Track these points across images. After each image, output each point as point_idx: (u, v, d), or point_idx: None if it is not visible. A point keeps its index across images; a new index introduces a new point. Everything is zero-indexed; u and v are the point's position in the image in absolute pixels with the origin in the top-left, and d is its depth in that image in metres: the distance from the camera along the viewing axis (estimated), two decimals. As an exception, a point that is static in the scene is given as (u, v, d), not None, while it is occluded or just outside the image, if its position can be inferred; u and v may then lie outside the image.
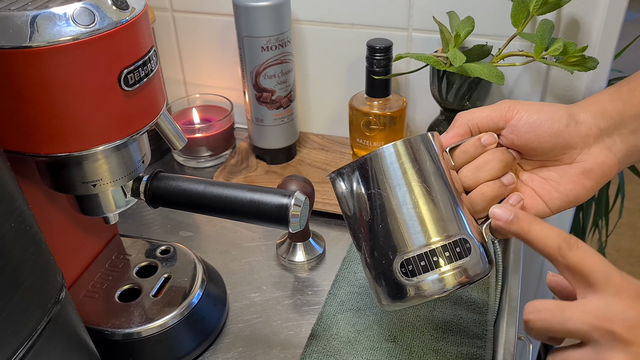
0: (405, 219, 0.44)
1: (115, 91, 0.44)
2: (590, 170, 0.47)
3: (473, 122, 0.49)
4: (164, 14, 0.90)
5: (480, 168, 0.47)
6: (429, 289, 0.44)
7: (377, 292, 0.47)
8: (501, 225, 0.44)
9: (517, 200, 0.48)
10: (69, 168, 0.48)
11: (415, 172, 0.45)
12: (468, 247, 0.45)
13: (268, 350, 0.59)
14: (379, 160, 0.45)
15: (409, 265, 0.44)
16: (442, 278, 0.44)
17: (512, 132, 0.48)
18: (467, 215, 0.46)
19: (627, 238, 2.03)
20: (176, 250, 0.64)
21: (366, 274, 0.48)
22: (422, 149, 0.46)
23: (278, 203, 0.48)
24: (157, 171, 0.53)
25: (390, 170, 0.45)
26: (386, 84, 0.76)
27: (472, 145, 0.48)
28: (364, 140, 0.79)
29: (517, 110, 0.47)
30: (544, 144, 0.47)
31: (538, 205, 0.49)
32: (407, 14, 0.78)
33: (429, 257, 0.44)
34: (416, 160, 0.45)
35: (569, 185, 0.48)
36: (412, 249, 0.44)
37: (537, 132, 0.47)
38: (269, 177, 0.83)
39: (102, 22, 0.42)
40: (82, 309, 0.57)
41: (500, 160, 0.47)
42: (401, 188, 0.45)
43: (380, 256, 0.46)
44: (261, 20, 0.73)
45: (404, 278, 0.45)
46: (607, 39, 0.71)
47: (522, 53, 0.68)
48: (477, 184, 0.48)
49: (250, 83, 0.79)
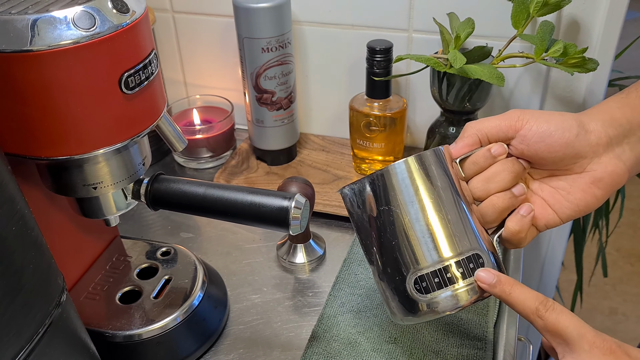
0: (418, 235, 0.45)
1: (116, 94, 0.44)
2: (600, 180, 0.47)
3: (482, 132, 0.48)
4: (165, 15, 0.90)
5: (491, 179, 0.47)
6: (443, 305, 0.44)
7: (390, 306, 0.47)
8: (485, 287, 0.45)
9: (528, 211, 0.48)
10: (69, 171, 0.48)
11: (427, 188, 0.45)
12: (481, 262, 0.45)
13: (269, 351, 0.59)
14: (390, 177, 0.45)
15: (422, 282, 0.44)
16: (456, 294, 0.44)
17: (522, 142, 0.47)
18: (478, 227, 0.46)
19: (627, 238, 2.03)
20: (177, 252, 0.64)
21: (379, 287, 0.48)
22: (433, 164, 0.46)
23: (278, 206, 0.48)
24: (158, 173, 0.53)
25: (402, 187, 0.45)
26: (386, 85, 0.76)
27: (482, 156, 0.48)
28: (364, 141, 0.79)
29: (526, 120, 0.47)
30: (554, 154, 0.47)
31: (548, 214, 0.49)
32: (408, 15, 0.78)
33: (442, 273, 0.44)
34: (428, 176, 0.45)
35: (579, 194, 0.48)
36: (426, 266, 0.44)
37: (547, 142, 0.46)
38: (270, 178, 0.83)
39: (102, 26, 0.42)
40: (83, 311, 0.57)
41: (511, 171, 0.47)
42: (414, 205, 0.45)
43: (393, 272, 0.46)
44: (261, 22, 0.73)
45: (417, 294, 0.45)
46: (607, 40, 0.71)
47: (522, 54, 0.68)
48: (487, 195, 0.47)
49: (250, 84, 0.79)
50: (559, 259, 0.96)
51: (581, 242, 1.19)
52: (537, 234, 0.50)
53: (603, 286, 1.86)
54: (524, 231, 0.48)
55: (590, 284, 1.83)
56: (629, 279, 1.89)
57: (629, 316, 1.76)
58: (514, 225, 0.47)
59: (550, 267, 0.98)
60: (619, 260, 1.95)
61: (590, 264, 1.51)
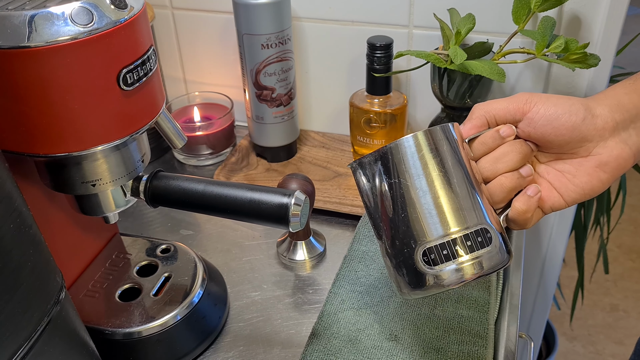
0: (426, 208, 0.45)
1: (114, 91, 0.44)
2: (605, 164, 0.47)
3: (490, 113, 0.49)
4: (164, 11, 0.89)
5: (499, 159, 0.48)
6: (450, 278, 0.45)
7: (397, 281, 0.48)
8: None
9: (535, 191, 0.48)
10: (68, 168, 0.48)
11: (436, 162, 0.45)
12: (489, 237, 0.45)
13: (269, 349, 0.59)
14: (400, 150, 0.45)
15: (431, 254, 0.45)
16: (463, 267, 0.44)
17: (529, 125, 0.48)
18: (486, 205, 0.47)
19: (628, 234, 2.03)
20: (177, 249, 0.63)
21: (386, 263, 0.48)
22: (443, 139, 0.46)
23: (278, 202, 0.48)
24: (157, 170, 0.53)
25: (412, 161, 0.45)
26: (387, 82, 0.75)
27: (490, 137, 0.48)
28: (364, 137, 0.79)
29: (534, 103, 0.47)
30: (561, 137, 0.47)
31: (554, 197, 0.49)
32: (408, 11, 0.77)
33: (450, 246, 0.44)
34: (437, 150, 0.46)
35: (584, 177, 0.48)
36: (434, 238, 0.45)
37: (554, 125, 0.47)
38: (270, 175, 0.83)
39: (100, 22, 0.42)
40: (83, 309, 0.57)
41: (519, 152, 0.48)
42: (422, 178, 0.45)
43: (401, 245, 0.46)
44: (261, 18, 0.73)
45: (426, 267, 0.45)
46: (609, 35, 0.71)
47: (523, 50, 0.68)
48: (495, 175, 0.48)
49: (250, 81, 0.79)
50: (560, 256, 0.96)
51: (582, 238, 1.19)
52: (543, 216, 0.50)
53: (604, 282, 1.86)
54: (530, 211, 0.48)
55: (591, 280, 1.83)
56: (630, 275, 1.88)
57: (630, 312, 1.76)
58: (521, 205, 0.48)
59: (551, 264, 0.97)
60: (620, 256, 1.95)
61: (592, 261, 1.51)
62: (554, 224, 0.91)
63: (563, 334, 1.69)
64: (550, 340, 1.43)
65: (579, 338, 1.69)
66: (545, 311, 1.08)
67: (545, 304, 1.06)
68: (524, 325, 1.11)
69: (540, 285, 1.02)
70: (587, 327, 1.72)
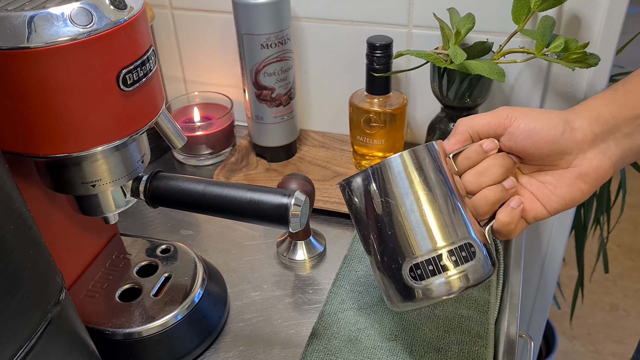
0: (413, 225, 0.46)
1: (114, 91, 0.44)
2: (585, 175, 0.49)
3: (473, 128, 0.50)
4: (163, 11, 0.89)
5: (483, 173, 0.49)
6: (437, 291, 0.46)
7: (387, 294, 0.49)
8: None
9: (518, 203, 0.49)
10: (68, 168, 0.48)
11: (421, 180, 0.47)
12: (473, 251, 0.46)
13: (269, 349, 0.59)
14: (387, 170, 0.47)
15: (417, 269, 0.46)
16: (449, 281, 0.46)
17: (510, 139, 0.49)
18: (470, 219, 0.48)
19: (628, 233, 2.03)
20: (177, 249, 0.63)
21: (376, 276, 0.50)
22: (427, 157, 0.48)
23: (278, 203, 0.48)
24: (157, 171, 0.53)
25: (398, 180, 0.47)
26: (386, 81, 0.75)
27: (474, 151, 0.49)
28: (364, 137, 0.79)
29: (514, 117, 0.49)
30: (541, 151, 0.48)
31: (537, 207, 0.50)
32: (408, 10, 0.77)
33: (436, 261, 0.46)
34: (422, 169, 0.47)
35: (565, 188, 0.49)
36: (420, 254, 0.46)
37: (533, 139, 0.48)
38: (269, 175, 0.82)
39: (100, 22, 0.42)
40: (83, 309, 0.57)
41: (501, 165, 0.49)
42: (409, 196, 0.46)
43: (390, 261, 0.47)
44: (261, 18, 0.73)
45: (412, 281, 0.46)
46: (608, 35, 0.71)
47: (523, 50, 0.68)
48: (479, 189, 0.49)
49: (250, 81, 0.79)
50: (560, 255, 0.96)
51: (582, 237, 1.19)
52: (527, 226, 0.51)
53: (604, 282, 1.86)
54: (513, 223, 0.49)
55: (591, 279, 1.83)
56: (630, 275, 1.88)
57: (629, 312, 1.76)
58: (505, 217, 0.49)
59: (551, 263, 0.97)
60: (620, 255, 1.95)
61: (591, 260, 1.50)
62: (554, 224, 0.91)
63: (563, 333, 1.69)
64: (550, 339, 1.43)
65: (579, 337, 1.69)
66: (545, 310, 1.08)
67: (545, 303, 1.06)
68: (523, 325, 1.11)
69: (540, 284, 1.02)
70: (587, 326, 1.72)
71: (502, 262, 0.65)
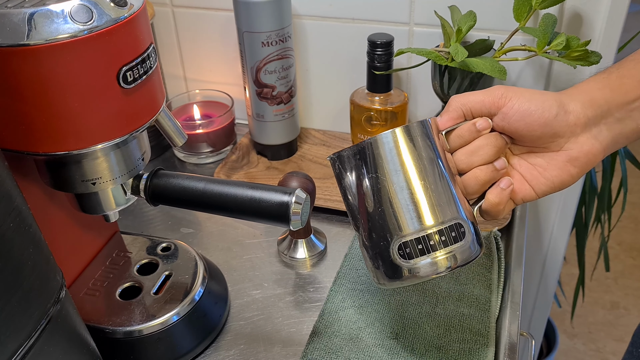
0: (403, 203, 0.46)
1: (114, 89, 0.44)
2: (576, 159, 0.49)
3: (466, 106, 0.50)
4: (164, 9, 0.89)
5: (474, 153, 0.49)
6: (425, 270, 0.46)
7: (374, 272, 0.49)
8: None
9: (507, 184, 0.49)
10: (68, 166, 0.48)
11: (413, 158, 0.46)
12: (462, 232, 0.46)
13: (270, 347, 0.59)
14: (378, 146, 0.46)
15: (406, 248, 0.46)
16: (437, 261, 0.46)
17: (503, 120, 0.49)
18: (461, 198, 0.48)
19: (629, 231, 2.03)
20: (177, 248, 0.63)
21: (363, 253, 0.50)
22: (420, 135, 0.47)
23: (279, 201, 0.47)
24: (157, 169, 0.53)
25: (390, 157, 0.46)
26: (387, 79, 0.75)
27: (467, 129, 0.49)
28: (365, 135, 0.79)
29: (509, 97, 0.48)
30: (533, 132, 0.48)
31: (525, 189, 0.50)
32: (409, 8, 0.77)
33: (425, 240, 0.46)
34: (414, 146, 0.47)
35: (555, 171, 0.49)
36: (409, 233, 0.46)
37: (526, 121, 0.48)
38: (270, 173, 0.82)
39: (100, 19, 0.42)
40: (83, 307, 0.56)
41: (494, 145, 0.49)
42: (400, 174, 0.46)
43: (378, 238, 0.47)
44: (261, 16, 0.73)
45: (401, 260, 0.46)
46: (610, 32, 0.70)
47: (524, 47, 0.68)
48: (470, 168, 0.49)
49: (250, 79, 0.78)
50: (560, 253, 0.96)
51: (583, 236, 1.19)
52: (514, 207, 0.52)
53: (605, 280, 1.86)
54: (503, 203, 0.49)
55: (592, 278, 1.82)
56: (631, 273, 1.88)
57: (630, 310, 1.76)
58: (494, 198, 0.49)
59: (552, 261, 0.97)
60: (621, 254, 1.95)
61: (592, 258, 1.50)
62: (555, 222, 0.91)
63: (564, 332, 1.69)
64: (551, 337, 1.43)
65: (580, 335, 1.69)
66: (546, 309, 1.08)
67: (546, 301, 1.06)
68: (525, 323, 1.11)
69: (541, 283, 1.02)
70: (587, 324, 1.72)
71: (503, 260, 0.65)
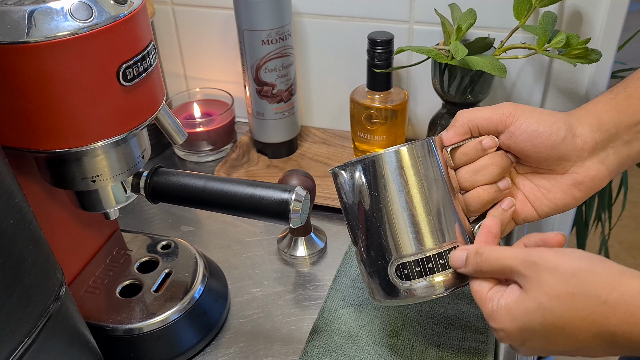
0: (403, 224, 0.46)
1: (114, 86, 0.44)
2: (581, 183, 0.48)
3: (473, 122, 0.49)
4: (164, 7, 0.89)
5: (479, 172, 0.48)
6: (422, 292, 0.46)
7: (370, 288, 0.49)
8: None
9: (510, 205, 0.49)
10: (68, 164, 0.48)
11: (416, 179, 0.46)
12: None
13: (270, 345, 0.59)
14: (381, 164, 0.46)
15: (404, 269, 0.46)
16: (435, 284, 0.46)
17: (510, 139, 0.48)
18: (462, 218, 0.47)
19: (630, 230, 2.03)
20: (177, 246, 0.63)
21: (360, 268, 0.49)
22: (425, 155, 0.47)
23: (279, 198, 0.48)
24: (157, 166, 0.53)
25: (392, 176, 0.46)
26: (387, 77, 0.75)
27: (472, 147, 0.49)
28: (365, 133, 0.79)
29: (517, 117, 0.48)
30: (539, 154, 0.48)
31: (528, 210, 0.50)
32: (409, 6, 0.77)
33: (424, 263, 0.45)
34: (418, 167, 0.46)
35: (559, 194, 0.49)
36: (408, 254, 0.46)
37: (533, 142, 0.47)
38: (270, 172, 0.82)
39: (100, 17, 0.42)
40: (83, 305, 0.57)
41: (499, 165, 0.48)
42: (402, 194, 0.46)
43: (376, 256, 0.47)
44: (262, 14, 0.73)
45: (398, 280, 0.46)
46: (610, 30, 0.70)
47: (524, 45, 0.68)
48: (473, 187, 0.49)
49: (250, 77, 0.78)
50: (561, 252, 0.96)
51: (584, 234, 1.19)
52: (515, 227, 0.51)
53: (605, 279, 1.85)
54: (504, 224, 0.49)
55: (593, 276, 1.82)
56: (632, 272, 1.88)
57: (631, 309, 1.76)
58: None
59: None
60: (622, 253, 1.95)
61: (593, 257, 1.50)
62: (555, 220, 0.91)
63: (564, 331, 1.68)
64: (552, 336, 1.42)
65: (580, 334, 1.68)
66: (547, 307, 1.08)
67: (547, 300, 1.06)
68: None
69: (542, 281, 1.01)
70: (588, 323, 1.72)
71: None
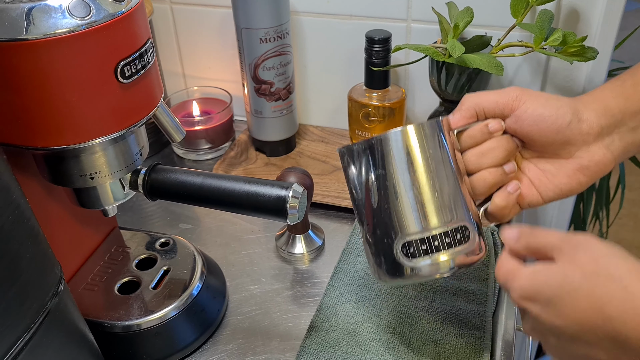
0: (410, 203, 0.46)
1: (112, 83, 0.44)
2: (586, 168, 0.48)
3: (480, 106, 0.49)
4: (162, 6, 0.89)
5: (485, 154, 0.48)
6: (427, 270, 0.46)
7: (375, 268, 0.49)
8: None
9: (515, 188, 0.49)
10: (66, 161, 0.48)
11: (423, 158, 0.46)
12: (467, 234, 0.46)
13: (267, 341, 0.59)
14: (389, 143, 0.46)
15: (410, 247, 0.46)
16: (440, 262, 0.46)
17: (516, 123, 0.48)
18: (468, 199, 0.47)
19: (628, 229, 2.03)
20: (176, 243, 0.64)
21: (365, 249, 0.49)
22: (432, 135, 0.47)
23: (276, 195, 0.48)
24: (155, 164, 0.53)
25: (399, 155, 0.46)
26: (385, 76, 0.75)
27: (479, 130, 0.49)
28: (363, 131, 0.79)
29: (523, 100, 0.48)
30: (545, 138, 0.48)
31: (533, 194, 0.50)
32: (406, 4, 0.77)
33: (430, 241, 0.45)
34: (425, 146, 0.46)
35: (564, 179, 0.49)
36: (414, 232, 0.46)
37: (539, 126, 0.47)
38: (269, 170, 0.83)
39: (98, 14, 0.42)
40: (82, 302, 0.57)
41: (505, 148, 0.48)
42: (408, 173, 0.46)
43: (382, 235, 0.47)
44: (260, 12, 0.73)
45: (404, 259, 0.46)
46: (607, 29, 0.71)
47: (521, 43, 0.68)
48: (479, 169, 0.49)
49: (249, 75, 0.79)
50: (558, 250, 0.96)
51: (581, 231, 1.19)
52: (520, 211, 0.51)
53: (603, 277, 1.85)
54: (509, 207, 0.49)
55: (591, 275, 1.82)
56: (630, 270, 1.88)
57: (629, 307, 1.76)
58: (501, 201, 0.49)
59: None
60: (620, 251, 1.95)
61: (591, 255, 1.50)
62: (552, 217, 0.91)
63: (562, 329, 1.69)
64: (550, 334, 1.42)
65: (579, 332, 1.69)
66: (544, 305, 1.08)
67: (544, 297, 1.06)
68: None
69: (539, 279, 1.02)
70: (586, 321, 1.72)
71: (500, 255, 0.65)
